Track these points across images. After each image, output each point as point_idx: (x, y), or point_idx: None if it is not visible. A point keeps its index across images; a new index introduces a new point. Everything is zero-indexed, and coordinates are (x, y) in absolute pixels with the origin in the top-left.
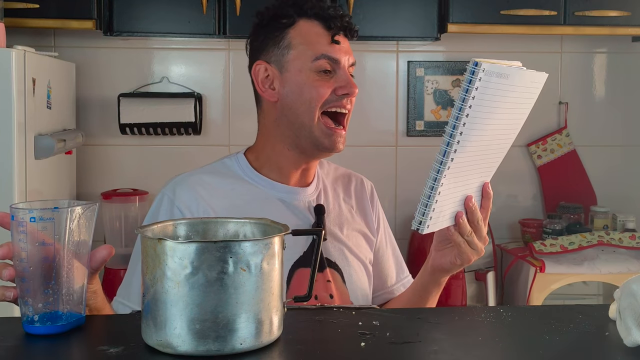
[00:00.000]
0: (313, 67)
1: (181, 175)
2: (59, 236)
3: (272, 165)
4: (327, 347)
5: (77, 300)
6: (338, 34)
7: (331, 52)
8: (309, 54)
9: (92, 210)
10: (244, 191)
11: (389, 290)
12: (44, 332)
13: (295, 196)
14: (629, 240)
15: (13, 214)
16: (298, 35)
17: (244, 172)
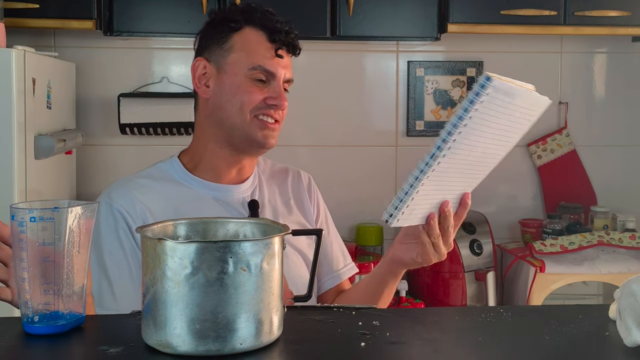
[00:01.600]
0: (248, 74)
1: (115, 182)
2: (59, 236)
3: (205, 165)
4: (327, 347)
5: (77, 300)
6: (281, 49)
7: (268, 65)
8: (247, 61)
9: (92, 210)
10: (178, 193)
11: (335, 275)
12: (44, 332)
13: (228, 193)
14: (629, 240)
15: (13, 214)
16: (241, 40)
17: (178, 175)
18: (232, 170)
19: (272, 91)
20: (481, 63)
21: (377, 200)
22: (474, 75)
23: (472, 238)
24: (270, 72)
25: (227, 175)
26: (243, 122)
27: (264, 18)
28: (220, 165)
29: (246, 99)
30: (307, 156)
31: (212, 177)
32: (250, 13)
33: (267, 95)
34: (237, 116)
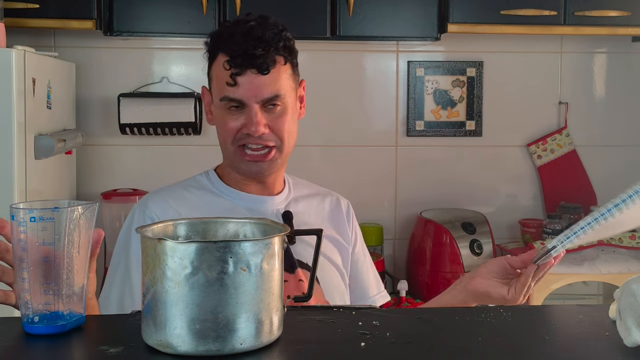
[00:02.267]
0: (221, 105)
1: (153, 191)
2: (58, 236)
3: (231, 180)
4: (327, 347)
5: (77, 300)
6: (239, 74)
7: (232, 93)
8: (217, 92)
9: (92, 210)
10: (213, 203)
11: (370, 301)
12: (44, 332)
13: (262, 204)
14: (629, 240)
15: (13, 214)
16: (214, 69)
17: (214, 186)
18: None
19: (246, 118)
20: (481, 63)
21: (377, 200)
22: (474, 75)
23: (472, 238)
24: (236, 99)
25: (254, 189)
26: (229, 153)
27: (229, 41)
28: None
29: (223, 130)
30: (307, 156)
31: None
32: (220, 36)
33: (242, 124)
34: (224, 148)
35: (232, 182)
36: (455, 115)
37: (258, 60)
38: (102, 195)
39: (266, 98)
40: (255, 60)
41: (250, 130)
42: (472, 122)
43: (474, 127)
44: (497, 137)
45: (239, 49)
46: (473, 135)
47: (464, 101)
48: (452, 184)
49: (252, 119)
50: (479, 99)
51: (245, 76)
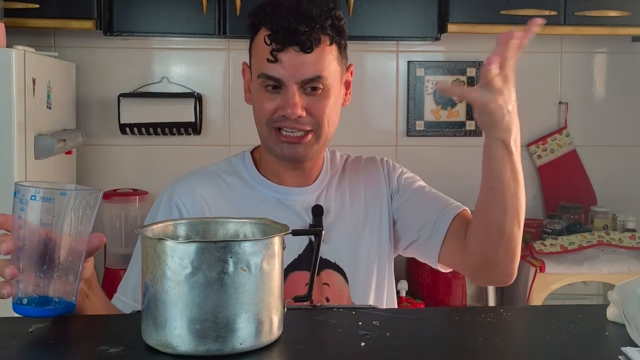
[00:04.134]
0: (258, 83)
1: (186, 173)
2: (57, 217)
3: (267, 166)
4: (327, 347)
5: (68, 286)
6: (278, 51)
7: (271, 70)
8: (256, 68)
9: (96, 197)
10: (243, 191)
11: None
12: (32, 315)
13: (293, 197)
14: (629, 240)
15: (16, 190)
16: (255, 44)
17: (248, 172)
18: (292, 172)
19: (283, 98)
20: (481, 63)
21: None
22: (474, 75)
23: None
24: (274, 78)
25: (289, 177)
26: (264, 134)
27: (273, 14)
28: (278, 169)
29: (259, 110)
30: None
31: (276, 179)
32: (263, 9)
33: (278, 105)
34: (259, 128)
35: (267, 168)
36: (455, 115)
37: (301, 37)
38: (102, 195)
39: (306, 79)
40: (298, 37)
41: (286, 112)
42: (472, 122)
43: (474, 127)
44: None
45: (282, 24)
46: (473, 135)
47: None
48: (452, 184)
49: (289, 100)
50: None
51: (286, 53)
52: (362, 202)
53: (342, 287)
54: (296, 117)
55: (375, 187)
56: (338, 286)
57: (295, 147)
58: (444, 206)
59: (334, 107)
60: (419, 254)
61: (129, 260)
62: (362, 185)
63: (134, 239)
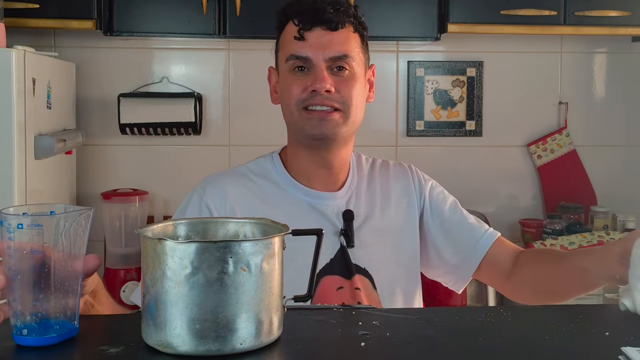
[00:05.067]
0: (287, 67)
1: (216, 173)
2: (48, 243)
3: (296, 167)
4: (327, 347)
5: (69, 311)
6: (306, 30)
7: (298, 50)
8: (283, 56)
9: (87, 216)
10: (275, 194)
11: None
12: (34, 344)
13: (324, 201)
14: None
15: (1, 220)
16: (282, 37)
17: (278, 174)
18: (320, 171)
19: (312, 76)
20: (481, 63)
21: None
22: (474, 75)
23: None
24: (303, 57)
25: (318, 177)
26: (293, 118)
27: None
28: (307, 166)
29: (288, 94)
30: None
31: (306, 181)
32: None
33: (306, 84)
34: (289, 114)
35: (297, 169)
36: (455, 115)
37: (327, 16)
38: (102, 195)
39: (334, 56)
40: (325, 16)
41: (315, 86)
42: (472, 122)
43: (474, 127)
44: (497, 137)
45: (309, 7)
46: (473, 135)
47: (464, 101)
48: (452, 184)
49: (318, 75)
50: (479, 99)
51: (313, 32)
52: (391, 209)
53: (371, 293)
54: (325, 91)
55: (406, 196)
56: (368, 292)
57: (324, 123)
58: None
59: (361, 93)
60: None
61: (129, 260)
62: (392, 193)
63: (133, 239)
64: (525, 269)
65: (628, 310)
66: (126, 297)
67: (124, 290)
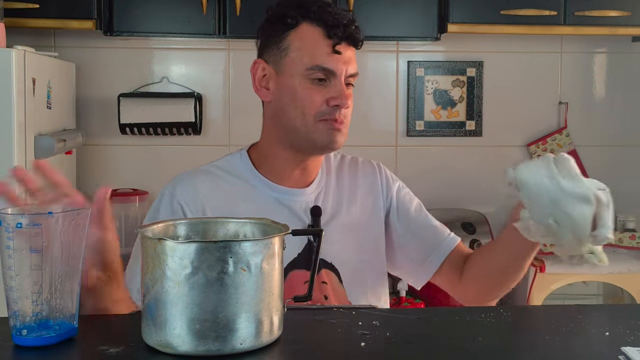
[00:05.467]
0: (306, 75)
1: (185, 172)
2: (47, 243)
3: (270, 165)
4: (327, 347)
5: (67, 311)
6: (339, 44)
7: (327, 62)
8: (304, 61)
9: (85, 216)
10: (243, 190)
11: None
12: (33, 345)
13: (292, 197)
14: (629, 240)
15: (0, 220)
16: (298, 39)
17: (246, 171)
18: (295, 171)
19: (333, 91)
20: (481, 63)
21: None
22: (474, 75)
23: (472, 238)
24: (329, 70)
25: (291, 176)
26: (306, 127)
27: (321, 11)
28: (284, 166)
29: (307, 102)
30: None
31: (277, 179)
32: (306, 7)
33: (328, 96)
34: (300, 120)
35: (270, 168)
36: (455, 115)
37: (355, 34)
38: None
39: (352, 74)
40: (353, 34)
41: (339, 101)
42: (472, 122)
43: (474, 127)
44: (497, 137)
45: (339, 21)
46: (473, 135)
47: (464, 101)
48: (452, 184)
49: (343, 91)
50: (479, 99)
51: (341, 46)
52: (358, 206)
53: (337, 287)
54: (347, 106)
55: (372, 194)
56: (334, 285)
57: (338, 135)
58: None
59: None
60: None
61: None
62: (359, 190)
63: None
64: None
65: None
66: None
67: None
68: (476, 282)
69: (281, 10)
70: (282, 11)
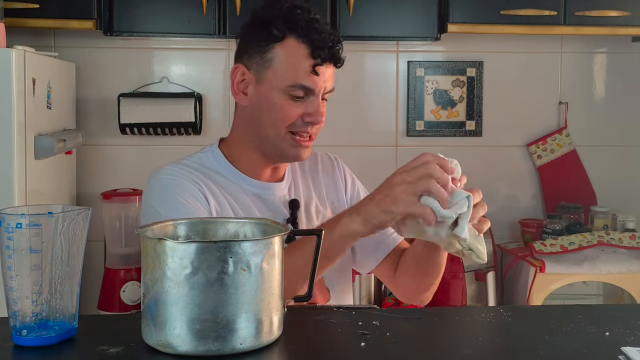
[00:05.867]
0: (286, 90)
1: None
2: (47, 243)
3: (244, 161)
4: (327, 347)
5: (67, 311)
6: (321, 65)
7: (308, 82)
8: (286, 77)
9: (85, 216)
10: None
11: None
12: (33, 345)
13: (269, 192)
14: (629, 240)
15: (0, 220)
16: (283, 53)
17: (220, 166)
18: (268, 169)
19: (309, 107)
20: (481, 63)
21: None
22: (474, 75)
23: None
24: (309, 88)
25: (264, 172)
26: (276, 137)
27: (308, 28)
28: (255, 165)
29: (281, 116)
30: None
31: (252, 173)
32: (293, 21)
33: (303, 112)
34: (271, 130)
35: (242, 165)
36: (455, 115)
37: (337, 55)
38: (102, 195)
39: (328, 90)
40: (336, 55)
41: (315, 119)
42: (472, 122)
43: (474, 127)
44: (497, 137)
45: (324, 42)
46: (473, 135)
47: (464, 101)
48: None
49: (318, 108)
50: (479, 99)
51: (322, 67)
52: (323, 198)
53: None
54: (321, 123)
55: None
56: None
57: (306, 150)
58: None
59: None
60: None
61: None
62: (322, 183)
63: (133, 239)
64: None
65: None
66: (126, 297)
67: (124, 290)
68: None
69: (268, 16)
70: (268, 18)
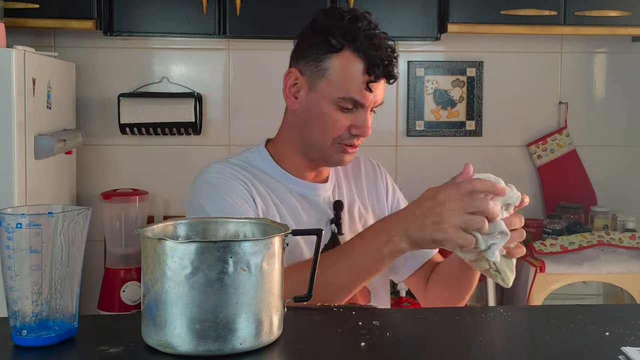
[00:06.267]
0: (337, 102)
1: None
2: (46, 243)
3: (289, 162)
4: (327, 347)
5: (67, 311)
6: (375, 82)
7: (359, 97)
8: (339, 89)
9: (85, 216)
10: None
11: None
12: (33, 345)
13: (315, 192)
14: (629, 240)
15: (0, 220)
16: (338, 65)
17: (266, 165)
18: (311, 171)
19: (357, 119)
20: (481, 63)
21: None
22: (474, 75)
23: None
24: (359, 102)
25: (308, 174)
26: (323, 145)
27: (366, 43)
28: (300, 166)
29: (330, 127)
30: None
31: (297, 174)
32: (353, 34)
33: (351, 124)
34: (319, 139)
35: (291, 164)
36: (455, 115)
37: (392, 72)
38: (102, 195)
39: (378, 103)
40: (391, 71)
41: (363, 132)
42: (472, 122)
43: (474, 127)
44: (497, 137)
45: (381, 58)
46: (473, 135)
47: (464, 101)
48: None
49: (366, 122)
50: (479, 99)
51: (375, 84)
52: (365, 202)
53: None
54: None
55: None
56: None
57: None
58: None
59: None
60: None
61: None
62: (364, 187)
63: (133, 239)
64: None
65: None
66: (126, 297)
67: (124, 290)
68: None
69: (327, 24)
70: (328, 26)
